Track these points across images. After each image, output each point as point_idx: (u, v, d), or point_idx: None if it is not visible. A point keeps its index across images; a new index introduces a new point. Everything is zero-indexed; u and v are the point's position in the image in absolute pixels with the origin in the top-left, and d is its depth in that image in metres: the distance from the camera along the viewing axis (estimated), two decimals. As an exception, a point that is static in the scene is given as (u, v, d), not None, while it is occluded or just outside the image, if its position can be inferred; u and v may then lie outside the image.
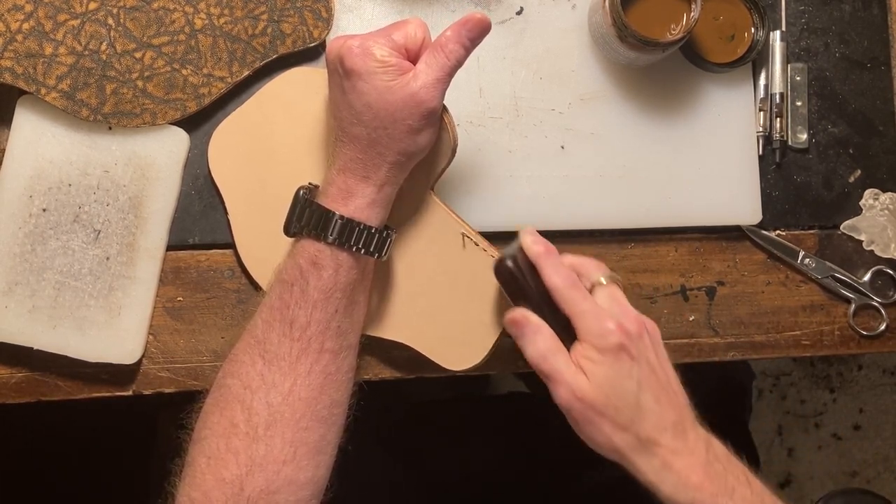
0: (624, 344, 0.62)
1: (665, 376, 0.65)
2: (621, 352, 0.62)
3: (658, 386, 0.63)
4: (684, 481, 0.62)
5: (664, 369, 0.65)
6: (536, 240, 0.66)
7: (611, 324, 0.62)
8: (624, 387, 0.62)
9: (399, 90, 0.62)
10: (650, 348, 0.64)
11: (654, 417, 0.62)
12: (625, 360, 0.62)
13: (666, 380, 0.64)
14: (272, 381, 0.62)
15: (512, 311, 0.65)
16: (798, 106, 0.81)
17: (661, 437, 0.62)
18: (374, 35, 0.63)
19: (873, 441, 1.73)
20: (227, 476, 0.60)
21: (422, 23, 0.64)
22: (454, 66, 0.63)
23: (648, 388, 0.63)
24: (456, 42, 0.63)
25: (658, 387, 0.63)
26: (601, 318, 0.63)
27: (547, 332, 0.64)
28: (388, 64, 0.62)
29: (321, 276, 0.63)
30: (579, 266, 0.67)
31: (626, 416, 0.62)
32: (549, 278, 0.65)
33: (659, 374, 0.64)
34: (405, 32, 0.63)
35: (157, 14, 0.71)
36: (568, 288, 0.64)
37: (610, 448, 0.63)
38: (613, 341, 0.62)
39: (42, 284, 0.70)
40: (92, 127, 0.71)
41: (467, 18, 0.63)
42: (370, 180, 0.64)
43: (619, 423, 0.62)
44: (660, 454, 0.62)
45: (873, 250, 0.81)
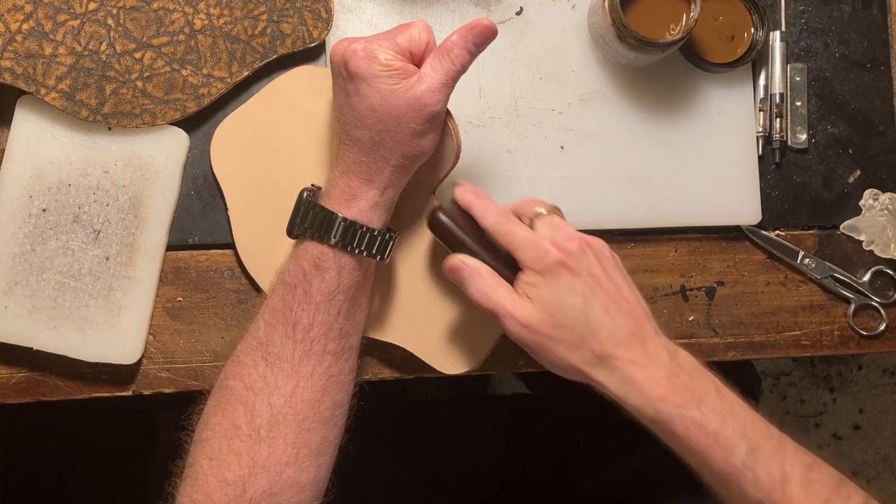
0: (562, 260, 0.62)
1: (614, 287, 0.64)
2: (559, 268, 0.62)
3: (607, 297, 0.63)
4: (647, 393, 0.61)
5: (613, 280, 0.64)
6: (465, 188, 0.68)
7: (547, 244, 0.63)
8: (567, 302, 0.62)
9: (403, 94, 0.62)
10: (595, 262, 0.64)
11: (605, 329, 0.62)
12: (564, 275, 0.62)
13: (615, 290, 0.64)
14: (275, 382, 0.62)
15: (448, 259, 0.66)
16: (798, 106, 0.81)
17: (616, 349, 0.62)
18: (378, 38, 0.63)
19: (873, 441, 1.74)
20: (229, 477, 0.60)
21: (426, 26, 0.64)
22: (459, 70, 0.63)
23: (595, 300, 0.62)
24: (461, 47, 0.63)
25: (607, 298, 0.63)
26: (538, 241, 0.63)
27: (485, 270, 0.65)
28: (393, 67, 0.62)
29: (324, 278, 0.63)
30: (517, 207, 0.68)
31: (576, 333, 0.62)
32: (482, 219, 0.66)
33: (606, 285, 0.63)
34: (410, 36, 0.63)
35: (157, 14, 0.71)
36: (502, 223, 0.65)
37: (570, 369, 0.63)
38: (550, 260, 0.62)
39: (42, 284, 0.70)
40: (92, 127, 0.71)
41: (475, 24, 0.63)
42: (373, 183, 0.64)
43: (570, 341, 0.62)
44: (618, 367, 0.62)
45: (873, 250, 0.81)
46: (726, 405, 0.62)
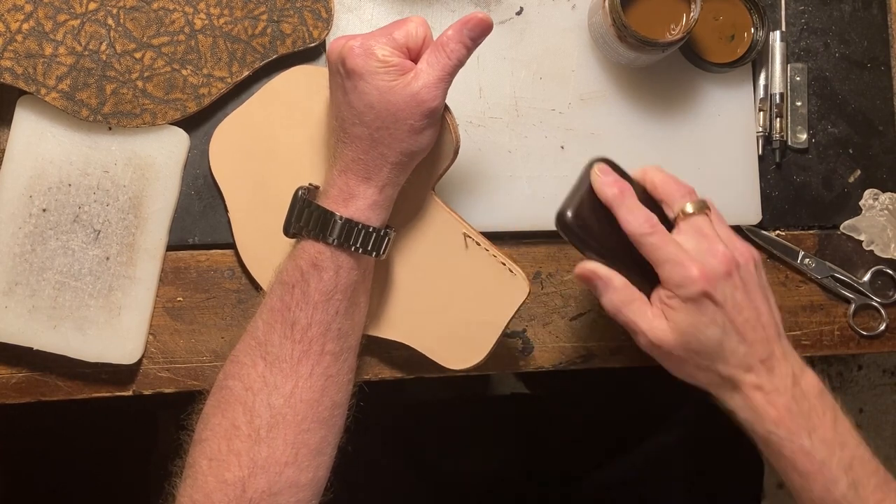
0: (706, 291, 0.61)
1: (754, 313, 0.63)
2: (703, 299, 0.61)
3: (746, 325, 0.63)
4: (762, 416, 0.62)
5: (754, 305, 0.63)
6: (607, 181, 0.64)
7: (693, 270, 0.61)
8: (705, 334, 0.62)
9: (401, 90, 0.61)
10: (739, 286, 0.62)
11: (736, 358, 0.62)
12: (707, 307, 0.61)
13: (755, 317, 0.63)
14: (274, 383, 0.62)
15: (580, 266, 0.64)
16: (798, 106, 0.81)
17: (744, 375, 0.63)
18: (375, 34, 0.63)
19: (873, 441, 1.72)
20: (229, 478, 0.60)
21: (423, 21, 0.64)
22: (456, 65, 0.63)
23: (733, 331, 0.62)
24: (457, 41, 0.62)
25: (746, 326, 0.63)
26: (682, 264, 0.61)
27: (618, 283, 0.63)
28: (390, 64, 0.61)
29: (322, 277, 0.63)
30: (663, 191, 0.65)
31: (707, 358, 0.63)
32: (626, 224, 0.63)
33: (746, 312, 0.63)
34: (406, 31, 0.63)
35: (157, 14, 0.71)
36: (646, 235, 0.62)
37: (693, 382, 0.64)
38: (695, 290, 0.61)
39: (42, 284, 0.70)
40: (92, 127, 0.71)
41: (469, 18, 0.62)
42: (372, 181, 0.63)
43: (700, 364, 0.63)
44: (741, 391, 0.63)
45: (873, 250, 0.81)
46: (838, 436, 0.63)
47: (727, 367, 0.62)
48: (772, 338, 0.63)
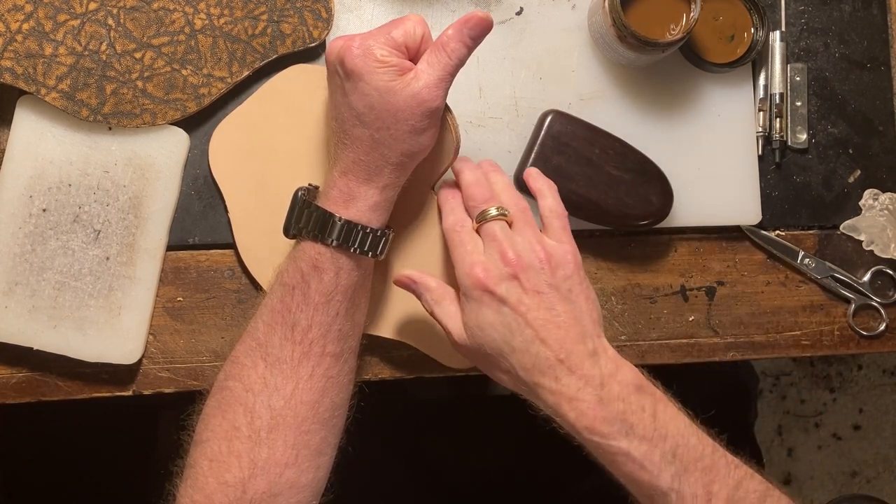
0: (487, 287, 0.62)
1: (547, 314, 0.62)
2: (485, 295, 0.62)
3: (537, 325, 0.61)
4: (573, 423, 0.60)
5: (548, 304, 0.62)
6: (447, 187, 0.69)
7: (476, 269, 0.62)
8: (489, 332, 0.62)
9: (400, 90, 0.61)
10: (529, 288, 0.62)
11: (529, 359, 0.61)
12: (489, 304, 0.62)
13: (547, 317, 0.62)
14: (274, 384, 0.62)
15: (396, 274, 0.67)
16: (798, 106, 0.81)
17: (542, 379, 0.61)
18: (373, 34, 0.62)
19: (873, 441, 1.74)
20: (229, 479, 0.60)
21: (420, 19, 0.64)
22: (456, 64, 0.63)
23: (519, 331, 0.61)
24: (458, 41, 0.62)
25: (537, 325, 0.61)
26: (467, 262, 0.63)
27: (432, 283, 0.66)
28: (389, 64, 0.61)
29: (322, 279, 0.62)
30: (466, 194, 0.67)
31: (500, 361, 0.62)
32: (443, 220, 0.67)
33: (535, 313, 0.62)
34: (405, 30, 0.63)
35: (157, 14, 0.71)
36: (450, 231, 0.66)
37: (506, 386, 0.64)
38: (473, 287, 0.62)
39: (42, 284, 0.70)
40: (92, 127, 0.71)
41: (469, 17, 0.62)
42: (372, 182, 0.63)
43: (499, 365, 0.63)
44: (545, 396, 0.61)
45: (873, 250, 0.81)
46: (659, 429, 0.60)
47: (523, 368, 0.61)
48: (572, 338, 0.61)
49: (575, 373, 0.61)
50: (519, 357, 0.61)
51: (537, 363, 0.61)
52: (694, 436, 0.61)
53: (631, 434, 0.60)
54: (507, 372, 0.62)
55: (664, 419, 0.61)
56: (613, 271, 0.79)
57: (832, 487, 1.72)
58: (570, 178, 0.74)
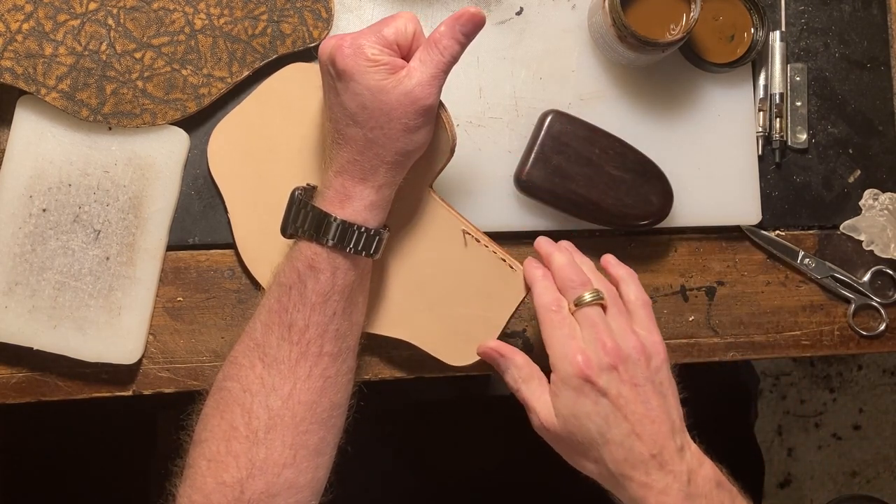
0: (588, 378, 0.61)
1: (643, 408, 0.62)
2: (585, 385, 0.61)
3: (634, 419, 0.62)
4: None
5: (644, 399, 0.62)
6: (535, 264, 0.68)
7: (577, 356, 0.62)
8: (585, 424, 0.62)
9: (393, 89, 0.61)
10: (626, 380, 0.62)
11: (623, 452, 0.61)
12: (588, 394, 0.62)
13: (644, 412, 0.62)
14: (272, 384, 0.62)
15: (481, 345, 0.67)
16: (798, 106, 0.81)
17: (632, 471, 0.61)
18: (364, 33, 0.62)
19: (873, 441, 1.74)
20: (227, 479, 0.60)
21: (412, 16, 0.63)
22: (449, 62, 0.62)
23: (617, 424, 0.61)
24: (450, 37, 0.61)
25: (634, 419, 0.62)
26: (568, 348, 0.63)
27: (520, 360, 0.66)
28: (380, 62, 0.61)
29: (318, 279, 0.62)
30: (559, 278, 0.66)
31: (593, 450, 0.62)
32: (538, 297, 0.65)
33: (633, 406, 0.62)
34: (396, 28, 0.62)
35: (157, 14, 0.71)
36: (549, 311, 0.64)
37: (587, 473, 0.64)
38: (573, 375, 0.62)
39: (42, 284, 0.70)
40: (92, 127, 0.71)
41: (461, 13, 0.61)
42: (368, 182, 0.63)
43: (588, 455, 0.63)
44: (631, 489, 0.61)
45: (873, 250, 0.81)
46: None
47: (614, 461, 0.61)
48: (664, 433, 0.62)
49: (664, 468, 0.61)
50: (612, 449, 0.61)
51: (629, 457, 0.61)
52: None
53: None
54: (596, 462, 0.63)
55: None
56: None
57: (832, 487, 1.72)
58: (570, 178, 0.74)
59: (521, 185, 0.74)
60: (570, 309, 0.65)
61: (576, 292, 0.65)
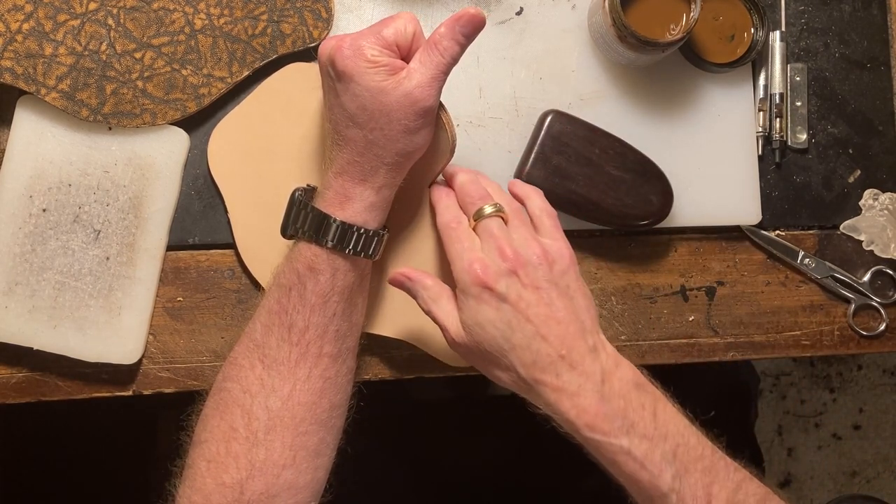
0: (486, 284, 0.61)
1: (546, 309, 0.61)
2: (484, 292, 0.61)
3: (538, 321, 0.61)
4: (573, 420, 0.60)
5: (547, 301, 0.62)
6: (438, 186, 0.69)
7: (474, 265, 0.62)
8: (488, 330, 0.61)
9: (392, 90, 0.61)
10: (528, 284, 0.62)
11: (530, 355, 0.61)
12: (488, 301, 0.61)
13: (547, 313, 0.61)
14: (271, 385, 0.62)
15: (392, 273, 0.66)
16: (798, 106, 0.81)
17: (542, 375, 0.60)
18: (363, 34, 0.62)
19: (873, 441, 1.74)
20: (227, 480, 0.60)
21: (412, 17, 0.63)
22: (449, 63, 0.62)
23: (520, 327, 0.61)
24: (450, 38, 0.61)
25: (538, 321, 0.61)
26: (465, 259, 0.62)
27: (429, 281, 0.65)
28: (380, 63, 0.60)
29: (318, 280, 0.62)
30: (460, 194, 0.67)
31: (499, 359, 0.61)
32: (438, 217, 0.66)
33: (535, 309, 0.61)
34: (395, 28, 0.62)
35: (157, 14, 0.71)
36: (444, 227, 0.65)
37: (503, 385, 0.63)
38: (472, 284, 0.61)
39: (42, 284, 0.70)
40: (92, 127, 0.71)
41: (461, 14, 0.61)
42: (368, 183, 0.63)
43: (499, 363, 0.62)
44: (544, 393, 0.61)
45: (873, 250, 0.81)
46: (659, 428, 0.60)
47: (523, 365, 0.61)
48: (572, 333, 0.61)
49: (576, 369, 0.60)
50: (519, 354, 0.61)
51: (538, 359, 0.61)
52: (693, 436, 0.61)
53: (632, 432, 0.59)
54: (507, 370, 0.62)
55: (664, 418, 0.61)
56: (613, 271, 0.79)
57: (832, 487, 1.72)
58: (570, 178, 0.74)
59: None
60: (470, 224, 0.65)
61: (475, 206, 0.65)
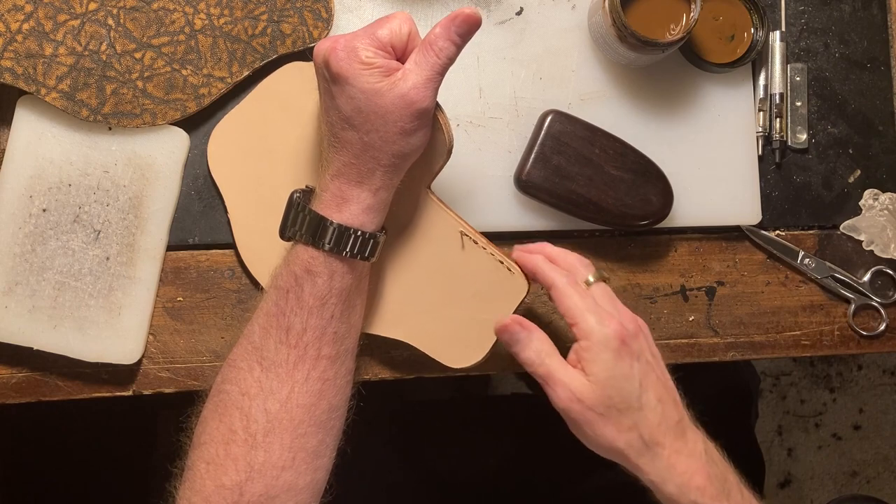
0: (625, 340, 0.62)
1: (663, 375, 0.64)
2: (623, 348, 0.62)
3: (659, 384, 0.63)
4: (687, 483, 0.61)
5: (661, 368, 0.65)
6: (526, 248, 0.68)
7: (612, 320, 0.62)
8: (626, 386, 0.62)
9: (387, 92, 0.60)
10: (646, 347, 0.64)
11: (656, 417, 0.62)
12: (626, 358, 0.62)
13: (664, 378, 0.64)
14: (270, 387, 0.61)
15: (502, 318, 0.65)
16: (798, 106, 0.81)
17: (664, 437, 0.62)
18: (358, 35, 0.61)
19: (873, 441, 1.73)
20: (226, 482, 0.60)
21: (407, 17, 0.62)
22: (445, 64, 0.61)
23: (650, 387, 0.62)
24: (445, 39, 0.61)
25: (659, 385, 0.63)
26: (600, 314, 0.62)
27: (541, 334, 0.64)
28: (374, 65, 0.60)
29: (316, 282, 0.62)
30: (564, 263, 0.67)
31: (629, 417, 0.62)
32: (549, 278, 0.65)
33: (658, 372, 0.64)
34: (390, 29, 0.61)
35: (157, 14, 0.71)
36: (567, 285, 0.64)
37: (612, 450, 0.63)
38: (613, 338, 0.61)
39: (42, 284, 0.70)
40: (92, 127, 0.71)
41: (456, 14, 0.61)
42: (365, 185, 0.62)
43: (622, 423, 0.62)
44: (663, 455, 0.62)
45: (873, 250, 0.81)
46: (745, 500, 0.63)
47: (649, 427, 0.62)
48: (679, 403, 0.64)
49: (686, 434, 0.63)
50: (646, 414, 0.62)
51: (662, 422, 0.62)
52: None
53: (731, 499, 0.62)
54: (629, 430, 0.62)
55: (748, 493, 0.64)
56: (613, 271, 0.79)
57: (832, 487, 1.72)
58: (570, 178, 0.74)
59: (521, 185, 0.74)
60: None
61: (583, 274, 0.66)
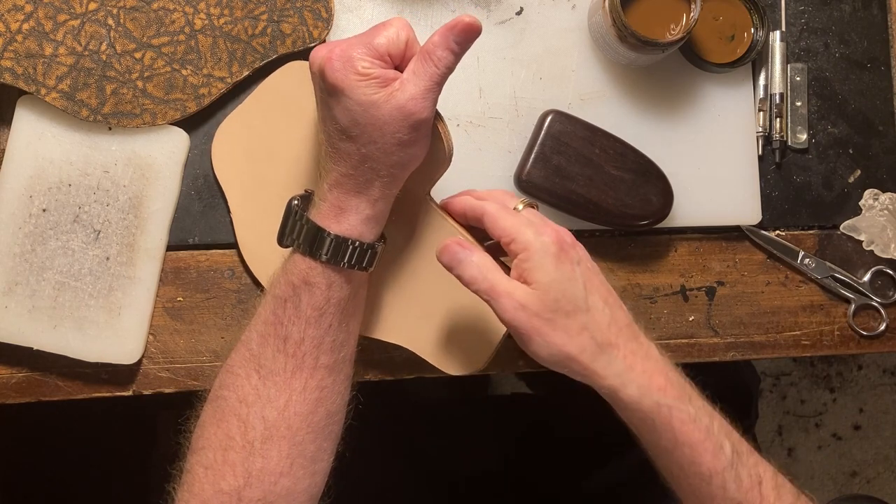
0: (564, 248, 0.61)
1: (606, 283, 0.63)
2: (562, 254, 0.61)
3: (603, 287, 0.62)
4: (648, 383, 0.60)
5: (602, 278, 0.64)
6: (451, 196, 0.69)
7: (549, 228, 0.62)
8: (570, 288, 0.61)
9: (384, 103, 0.59)
10: (585, 257, 0.63)
11: (605, 318, 0.61)
12: (566, 263, 0.61)
13: (608, 286, 0.63)
14: (267, 395, 0.61)
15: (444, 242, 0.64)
16: (798, 106, 0.81)
17: (616, 338, 0.61)
18: (354, 43, 0.60)
19: (873, 441, 1.73)
20: (224, 487, 0.60)
21: (405, 23, 0.61)
22: (444, 73, 0.60)
23: (594, 290, 0.62)
24: (444, 48, 0.59)
25: (604, 289, 0.62)
26: (537, 226, 0.62)
27: (481, 251, 0.64)
28: (371, 76, 0.58)
29: (313, 293, 0.61)
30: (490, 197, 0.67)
31: (576, 320, 0.60)
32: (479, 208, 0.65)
33: (600, 278, 0.63)
34: (387, 37, 0.60)
35: (157, 14, 0.71)
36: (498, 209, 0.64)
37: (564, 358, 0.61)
38: (552, 243, 0.61)
39: (42, 284, 0.70)
40: (92, 127, 0.71)
41: (455, 22, 0.59)
42: (363, 196, 0.61)
43: (571, 327, 0.60)
44: (619, 356, 0.60)
45: (873, 250, 0.81)
46: (708, 405, 0.62)
47: (599, 330, 0.60)
48: (624, 307, 0.63)
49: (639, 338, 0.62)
50: (595, 315, 0.61)
51: (612, 324, 0.61)
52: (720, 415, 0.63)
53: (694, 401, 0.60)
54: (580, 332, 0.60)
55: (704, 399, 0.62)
56: (613, 271, 0.79)
57: (832, 487, 1.72)
58: (570, 178, 0.74)
59: (521, 185, 0.74)
60: None
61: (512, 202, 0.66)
